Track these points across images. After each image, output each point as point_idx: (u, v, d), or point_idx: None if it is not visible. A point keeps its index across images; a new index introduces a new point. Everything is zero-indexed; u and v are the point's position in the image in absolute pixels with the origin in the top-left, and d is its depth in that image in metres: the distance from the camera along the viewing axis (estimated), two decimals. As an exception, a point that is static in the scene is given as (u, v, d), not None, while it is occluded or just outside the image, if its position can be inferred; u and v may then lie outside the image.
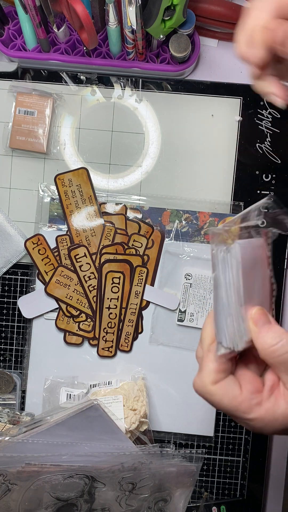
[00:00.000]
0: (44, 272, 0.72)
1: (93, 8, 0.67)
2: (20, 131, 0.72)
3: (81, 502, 0.62)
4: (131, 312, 0.73)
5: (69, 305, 0.72)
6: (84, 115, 0.74)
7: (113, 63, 0.71)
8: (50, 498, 0.61)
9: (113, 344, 0.73)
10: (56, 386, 0.72)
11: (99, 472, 0.60)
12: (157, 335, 0.73)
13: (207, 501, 0.74)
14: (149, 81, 0.73)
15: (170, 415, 0.73)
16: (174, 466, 0.63)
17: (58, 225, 0.73)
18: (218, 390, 0.45)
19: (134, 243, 0.72)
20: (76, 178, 0.73)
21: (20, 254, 0.73)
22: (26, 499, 0.60)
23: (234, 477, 0.75)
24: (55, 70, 0.73)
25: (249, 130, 0.73)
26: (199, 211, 0.73)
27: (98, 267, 0.72)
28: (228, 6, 0.69)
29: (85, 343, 0.73)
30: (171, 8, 0.63)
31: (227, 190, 0.74)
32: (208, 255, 0.72)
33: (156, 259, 0.73)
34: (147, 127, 0.74)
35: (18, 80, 0.73)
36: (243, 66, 0.75)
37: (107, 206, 0.73)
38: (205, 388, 0.46)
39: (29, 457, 0.59)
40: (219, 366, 0.46)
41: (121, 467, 0.61)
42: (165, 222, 0.73)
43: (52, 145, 0.74)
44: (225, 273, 0.45)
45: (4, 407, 0.72)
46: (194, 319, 0.72)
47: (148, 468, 0.61)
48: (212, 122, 0.73)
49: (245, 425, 0.47)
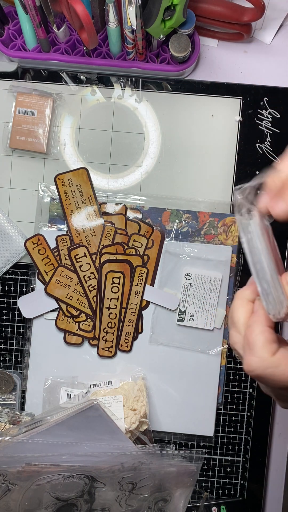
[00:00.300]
0: (44, 272, 0.72)
1: (93, 8, 0.67)
2: (20, 131, 0.72)
3: (81, 502, 0.62)
4: (131, 312, 0.73)
5: (69, 305, 0.72)
6: (84, 115, 0.74)
7: (113, 63, 0.71)
8: (50, 498, 0.61)
9: (113, 344, 0.73)
10: (56, 386, 0.72)
11: (99, 472, 0.60)
12: (157, 335, 0.73)
13: (207, 501, 0.74)
14: (149, 81, 0.73)
15: (170, 415, 0.73)
16: (174, 466, 0.63)
17: (58, 225, 0.73)
18: (282, 360, 0.42)
19: (134, 243, 0.72)
20: (76, 178, 0.73)
21: (20, 254, 0.73)
22: (26, 499, 0.60)
23: (234, 477, 0.75)
24: (55, 70, 0.73)
25: (249, 130, 0.73)
26: (199, 211, 0.73)
27: (98, 267, 0.72)
28: (228, 6, 0.69)
29: (85, 343, 0.73)
30: (171, 8, 0.63)
31: (227, 190, 0.74)
32: (208, 255, 0.72)
33: (156, 259, 0.73)
34: (147, 127, 0.74)
35: (18, 80, 0.73)
36: (243, 66, 0.75)
37: (107, 206, 0.73)
38: (266, 362, 0.42)
39: (29, 457, 0.59)
40: (270, 336, 0.42)
41: (121, 467, 0.61)
42: (165, 222, 0.73)
43: (52, 145, 0.74)
44: (258, 239, 0.44)
45: (4, 407, 0.72)
46: (194, 319, 0.72)
47: (148, 468, 0.61)
48: (212, 122, 0.73)
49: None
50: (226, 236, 0.73)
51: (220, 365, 0.73)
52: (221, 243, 0.73)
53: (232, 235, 0.73)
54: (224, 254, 0.72)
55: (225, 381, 0.74)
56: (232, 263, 0.73)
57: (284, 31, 0.75)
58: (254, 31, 0.74)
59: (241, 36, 0.73)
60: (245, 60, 0.75)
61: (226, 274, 0.72)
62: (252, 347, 0.43)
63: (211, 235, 0.73)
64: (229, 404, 0.74)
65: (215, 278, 0.72)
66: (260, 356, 0.42)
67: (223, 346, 0.73)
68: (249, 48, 0.75)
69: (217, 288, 0.72)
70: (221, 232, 0.73)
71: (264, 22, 0.74)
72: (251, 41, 0.75)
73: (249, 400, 0.74)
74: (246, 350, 0.44)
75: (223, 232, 0.73)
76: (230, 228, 0.73)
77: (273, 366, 0.42)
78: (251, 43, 0.75)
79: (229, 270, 0.73)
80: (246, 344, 0.44)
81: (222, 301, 0.72)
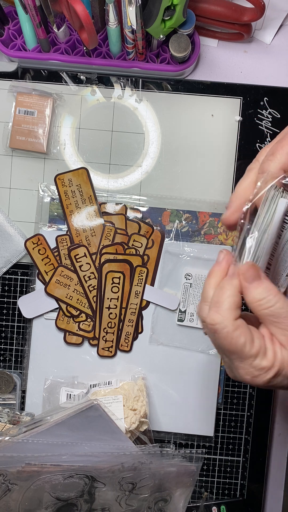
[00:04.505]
0: (44, 272, 0.72)
1: (93, 8, 0.67)
2: (20, 131, 0.72)
3: (81, 502, 0.62)
4: (131, 312, 0.73)
5: (69, 305, 0.72)
6: (84, 115, 0.74)
7: (113, 63, 0.71)
8: (50, 498, 0.61)
9: (113, 344, 0.73)
10: (56, 386, 0.72)
11: (99, 472, 0.60)
12: (157, 335, 0.73)
13: (207, 501, 0.74)
14: (149, 81, 0.73)
15: (170, 415, 0.73)
16: (174, 466, 0.63)
17: (58, 225, 0.73)
18: (240, 326, 0.45)
19: (134, 243, 0.72)
20: (76, 178, 0.73)
21: (20, 254, 0.73)
22: (26, 499, 0.60)
23: (234, 477, 0.75)
24: (55, 70, 0.73)
25: (249, 130, 0.73)
26: (199, 211, 0.73)
27: (98, 267, 0.72)
28: (228, 6, 0.69)
29: (85, 343, 0.73)
30: (171, 8, 0.63)
31: (227, 190, 0.74)
32: (208, 255, 0.72)
33: (156, 259, 0.73)
34: (147, 127, 0.74)
35: (18, 80, 0.73)
36: (243, 66, 0.75)
37: (107, 206, 0.73)
38: (227, 322, 0.45)
39: (29, 457, 0.59)
40: (238, 302, 0.46)
41: (121, 467, 0.61)
42: (165, 222, 0.73)
43: (52, 145, 0.74)
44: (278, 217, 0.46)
45: (4, 407, 0.72)
46: (194, 319, 0.72)
47: (148, 468, 0.61)
48: (212, 122, 0.73)
49: (251, 374, 0.46)
50: (226, 236, 0.73)
51: (220, 365, 0.73)
52: (221, 243, 0.73)
53: (232, 235, 0.73)
54: (224, 254, 0.72)
55: (225, 381, 0.74)
56: (232, 263, 0.73)
57: (284, 31, 0.75)
58: (254, 31, 0.74)
59: (241, 36, 0.73)
60: (245, 60, 0.75)
61: (226, 274, 0.72)
62: (220, 305, 0.46)
63: (211, 235, 0.73)
64: (229, 404, 0.74)
65: (215, 278, 0.72)
66: (224, 315, 0.45)
67: (223, 346, 0.73)
68: (249, 48, 0.75)
69: (217, 288, 0.72)
70: (221, 232, 0.73)
71: (264, 22, 0.74)
72: (251, 41, 0.75)
73: (249, 400, 0.74)
74: (212, 306, 0.46)
75: (223, 232, 0.73)
76: (230, 228, 0.73)
77: (231, 329, 0.45)
78: (251, 43, 0.75)
79: (229, 270, 0.73)
80: (214, 302, 0.46)
81: (222, 301, 0.72)
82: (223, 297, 0.46)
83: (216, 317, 0.45)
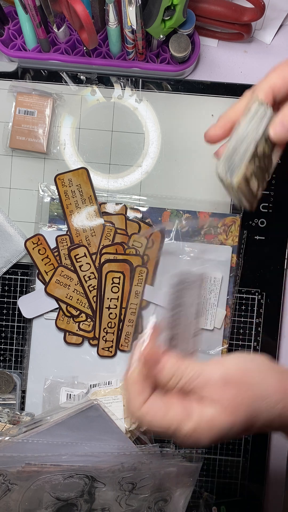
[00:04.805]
0: (44, 272, 0.72)
1: (93, 8, 0.67)
2: (20, 131, 0.72)
3: (81, 502, 0.62)
4: (131, 312, 0.73)
5: (69, 305, 0.72)
6: (84, 115, 0.74)
7: (113, 63, 0.71)
8: (50, 498, 0.61)
9: (113, 344, 0.73)
10: (56, 386, 0.72)
11: (99, 472, 0.60)
12: (157, 335, 0.73)
13: (207, 501, 0.74)
14: (149, 81, 0.73)
15: (170, 415, 0.73)
16: (174, 466, 0.63)
17: (58, 225, 0.73)
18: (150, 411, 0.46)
19: (134, 243, 0.72)
20: (76, 178, 0.73)
21: (20, 254, 0.73)
22: (26, 499, 0.60)
23: (234, 477, 0.75)
24: (55, 70, 0.73)
25: (249, 130, 0.73)
26: (199, 211, 0.73)
27: (98, 267, 0.72)
28: (228, 6, 0.69)
29: (85, 343, 0.73)
30: (171, 8, 0.63)
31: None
32: (208, 255, 0.72)
33: (156, 259, 0.73)
34: (147, 127, 0.74)
35: (18, 80, 0.73)
36: (243, 66, 0.75)
37: (107, 206, 0.73)
38: (139, 413, 0.46)
39: (29, 457, 0.59)
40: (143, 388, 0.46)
41: (121, 467, 0.61)
42: (165, 222, 0.73)
43: (52, 145, 0.74)
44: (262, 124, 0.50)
45: (4, 407, 0.72)
46: (194, 319, 0.72)
47: (148, 468, 0.61)
48: (212, 122, 0.73)
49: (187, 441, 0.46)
50: (226, 236, 0.73)
51: (220, 365, 0.73)
52: (221, 243, 0.73)
53: (232, 235, 0.73)
54: (224, 254, 0.72)
55: (225, 381, 0.74)
56: (232, 263, 0.73)
57: (284, 31, 0.75)
58: (254, 31, 0.74)
59: (241, 36, 0.73)
60: (245, 60, 0.75)
61: (226, 274, 0.72)
62: (130, 403, 0.47)
63: (211, 235, 0.73)
64: (229, 404, 0.74)
65: (215, 278, 0.72)
66: (133, 406, 0.46)
67: (223, 346, 0.73)
68: (249, 48, 0.75)
69: (217, 288, 0.72)
70: (221, 232, 0.73)
71: (264, 22, 0.74)
72: (251, 41, 0.75)
73: (249, 400, 0.74)
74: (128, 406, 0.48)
75: (223, 232, 0.73)
76: (230, 228, 0.73)
77: (141, 416, 0.46)
78: (251, 43, 0.75)
79: (229, 270, 0.73)
80: (127, 401, 0.48)
81: (222, 301, 0.72)
82: (129, 397, 0.47)
83: (134, 414, 0.46)
